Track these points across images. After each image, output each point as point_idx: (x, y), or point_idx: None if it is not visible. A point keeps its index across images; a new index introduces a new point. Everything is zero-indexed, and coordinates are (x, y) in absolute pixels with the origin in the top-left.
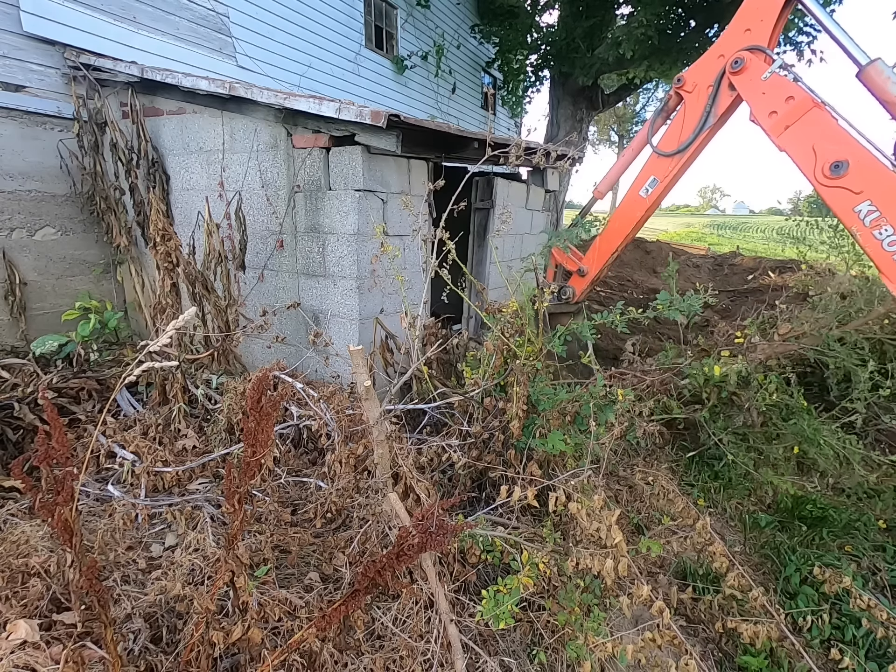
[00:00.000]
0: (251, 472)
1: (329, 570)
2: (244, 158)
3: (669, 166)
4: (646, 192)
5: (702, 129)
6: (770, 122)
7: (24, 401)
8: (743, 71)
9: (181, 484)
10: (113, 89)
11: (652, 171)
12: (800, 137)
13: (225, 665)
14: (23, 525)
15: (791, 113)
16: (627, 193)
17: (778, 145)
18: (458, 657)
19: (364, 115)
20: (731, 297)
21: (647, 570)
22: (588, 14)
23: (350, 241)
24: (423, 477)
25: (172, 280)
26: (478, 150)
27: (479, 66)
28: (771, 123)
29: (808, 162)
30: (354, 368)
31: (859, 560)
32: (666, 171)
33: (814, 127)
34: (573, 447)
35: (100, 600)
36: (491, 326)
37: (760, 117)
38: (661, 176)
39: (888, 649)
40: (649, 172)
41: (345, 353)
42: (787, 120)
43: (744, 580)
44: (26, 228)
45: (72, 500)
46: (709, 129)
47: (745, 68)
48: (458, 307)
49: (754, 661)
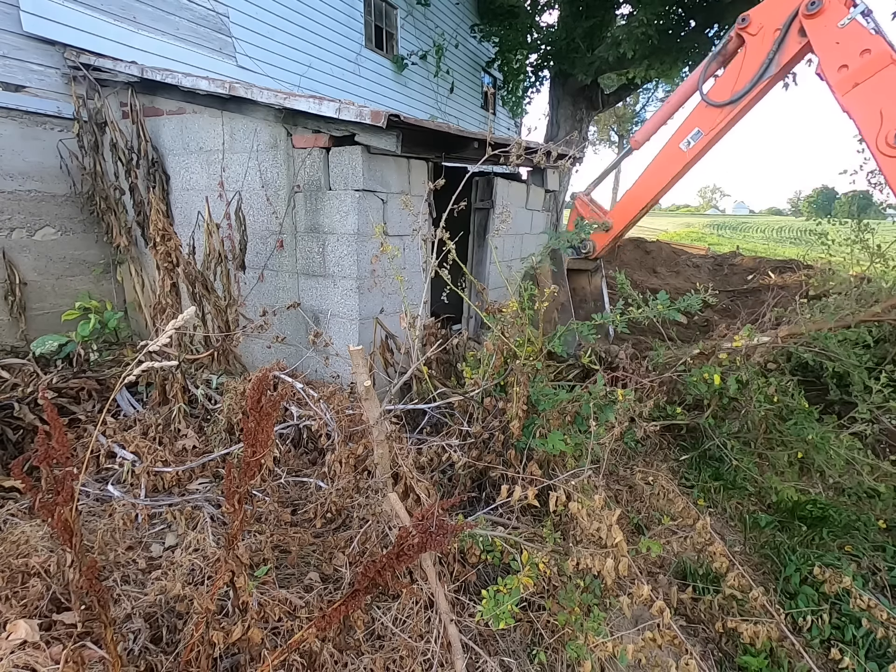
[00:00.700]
0: (251, 472)
1: (329, 570)
2: (244, 158)
3: (718, 118)
4: (687, 146)
5: (761, 77)
6: (837, 78)
7: (24, 401)
8: (819, 14)
9: (181, 484)
10: (113, 89)
11: (697, 121)
12: (868, 98)
13: (225, 665)
14: (23, 525)
15: (864, 69)
16: (666, 146)
17: (842, 105)
18: (458, 657)
19: (364, 115)
20: (731, 297)
21: (647, 570)
22: (588, 14)
23: (350, 241)
24: (423, 477)
25: (172, 280)
26: (478, 150)
27: (478, 65)
28: (838, 79)
29: (871, 127)
30: (354, 368)
31: (859, 560)
32: (713, 123)
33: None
34: (573, 447)
35: (100, 600)
36: (491, 326)
37: (828, 71)
38: (706, 128)
39: (888, 649)
40: (694, 123)
41: (345, 353)
42: (857, 77)
43: (744, 580)
44: (26, 228)
45: (72, 500)
46: (769, 78)
47: (822, 11)
48: (458, 307)
49: (754, 661)
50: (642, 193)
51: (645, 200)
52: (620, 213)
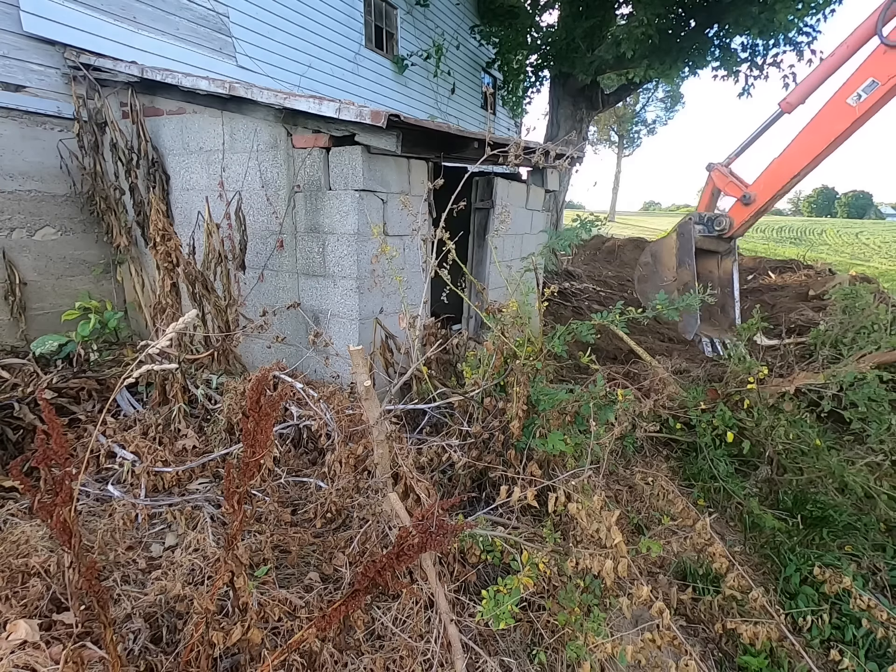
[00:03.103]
0: (251, 472)
1: (329, 570)
2: (244, 158)
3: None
4: (857, 99)
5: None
6: None
7: (24, 401)
8: None
9: (181, 484)
10: (113, 89)
11: (872, 70)
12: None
13: (225, 665)
14: (23, 525)
15: None
16: (830, 101)
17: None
18: (458, 657)
19: (364, 115)
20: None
21: (647, 570)
22: (588, 14)
23: (350, 241)
24: (423, 477)
25: (172, 280)
26: (477, 149)
27: (478, 66)
28: None
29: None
30: (354, 368)
31: (859, 560)
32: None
33: None
34: (573, 447)
35: (99, 600)
36: (491, 326)
37: None
38: (884, 77)
39: (888, 649)
40: (868, 72)
41: (345, 353)
42: None
43: (744, 580)
44: (26, 228)
45: (71, 501)
46: None
47: None
48: (458, 307)
49: (754, 661)
50: (796, 159)
51: (798, 167)
52: (767, 183)
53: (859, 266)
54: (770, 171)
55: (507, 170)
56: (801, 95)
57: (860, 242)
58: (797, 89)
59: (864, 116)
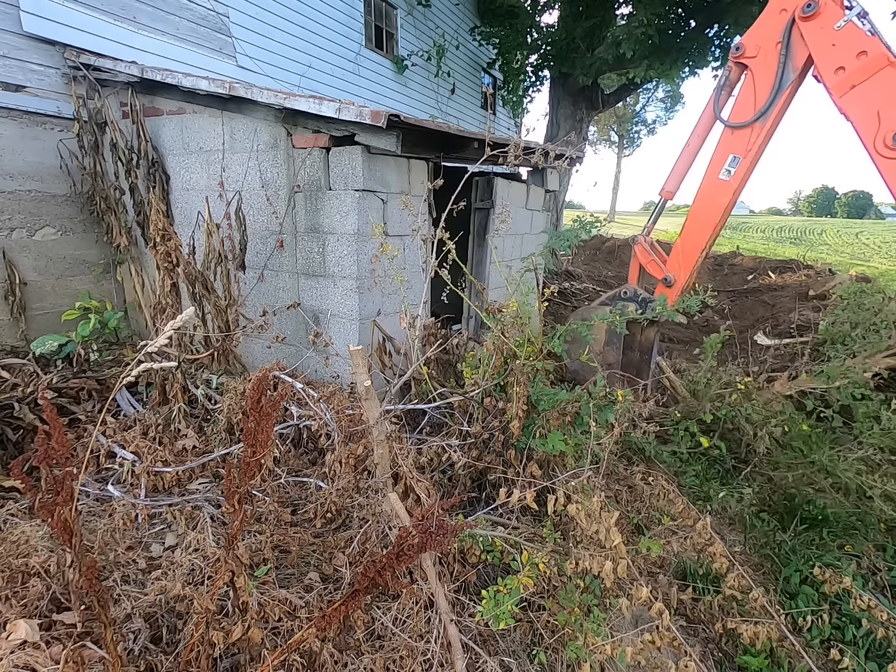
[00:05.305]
0: (251, 472)
1: (329, 570)
2: (244, 158)
3: (751, 138)
4: (727, 174)
5: (780, 89)
6: (835, 80)
7: (24, 401)
8: (815, 17)
9: (181, 484)
10: (113, 89)
11: (729, 148)
12: (865, 99)
13: (225, 665)
14: (23, 525)
15: (860, 71)
16: (704, 181)
17: (839, 107)
18: (458, 657)
19: (364, 115)
20: (731, 297)
21: (647, 570)
22: (588, 14)
23: (350, 241)
24: (423, 477)
25: (172, 280)
26: (477, 150)
27: (479, 66)
28: (836, 81)
29: (869, 128)
30: (354, 368)
31: (859, 560)
32: (748, 145)
33: (883, 89)
34: (573, 447)
35: (100, 600)
36: (491, 326)
37: (825, 73)
38: (742, 151)
39: (888, 649)
40: (727, 150)
41: (345, 353)
42: (854, 78)
43: (744, 580)
44: (26, 228)
45: (71, 501)
46: (789, 86)
47: (818, 14)
48: (458, 307)
49: (754, 661)
50: (697, 235)
51: (702, 241)
52: (679, 262)
53: (859, 266)
54: (678, 251)
55: (507, 170)
56: (675, 182)
57: (860, 242)
58: (670, 178)
59: (741, 187)
